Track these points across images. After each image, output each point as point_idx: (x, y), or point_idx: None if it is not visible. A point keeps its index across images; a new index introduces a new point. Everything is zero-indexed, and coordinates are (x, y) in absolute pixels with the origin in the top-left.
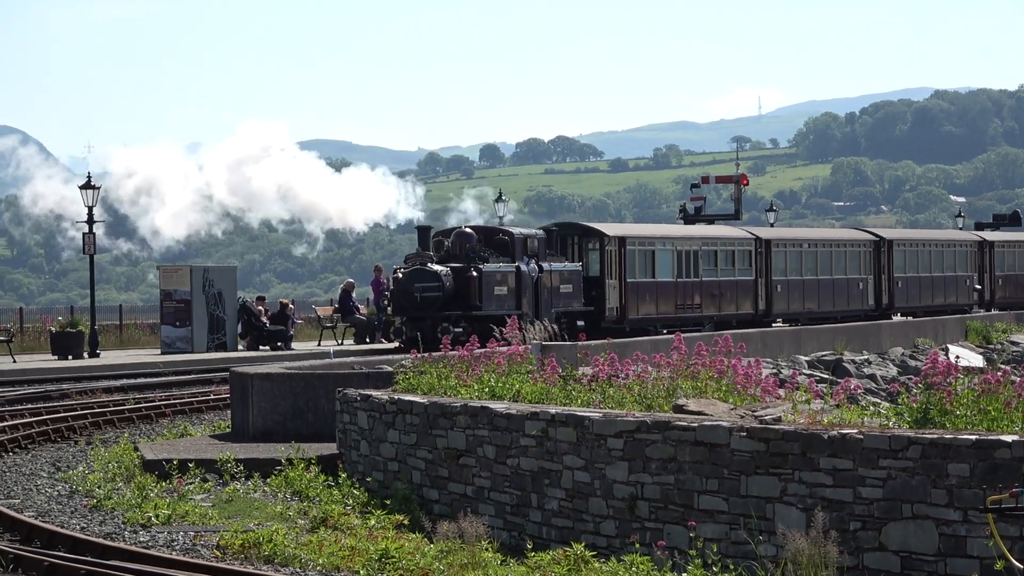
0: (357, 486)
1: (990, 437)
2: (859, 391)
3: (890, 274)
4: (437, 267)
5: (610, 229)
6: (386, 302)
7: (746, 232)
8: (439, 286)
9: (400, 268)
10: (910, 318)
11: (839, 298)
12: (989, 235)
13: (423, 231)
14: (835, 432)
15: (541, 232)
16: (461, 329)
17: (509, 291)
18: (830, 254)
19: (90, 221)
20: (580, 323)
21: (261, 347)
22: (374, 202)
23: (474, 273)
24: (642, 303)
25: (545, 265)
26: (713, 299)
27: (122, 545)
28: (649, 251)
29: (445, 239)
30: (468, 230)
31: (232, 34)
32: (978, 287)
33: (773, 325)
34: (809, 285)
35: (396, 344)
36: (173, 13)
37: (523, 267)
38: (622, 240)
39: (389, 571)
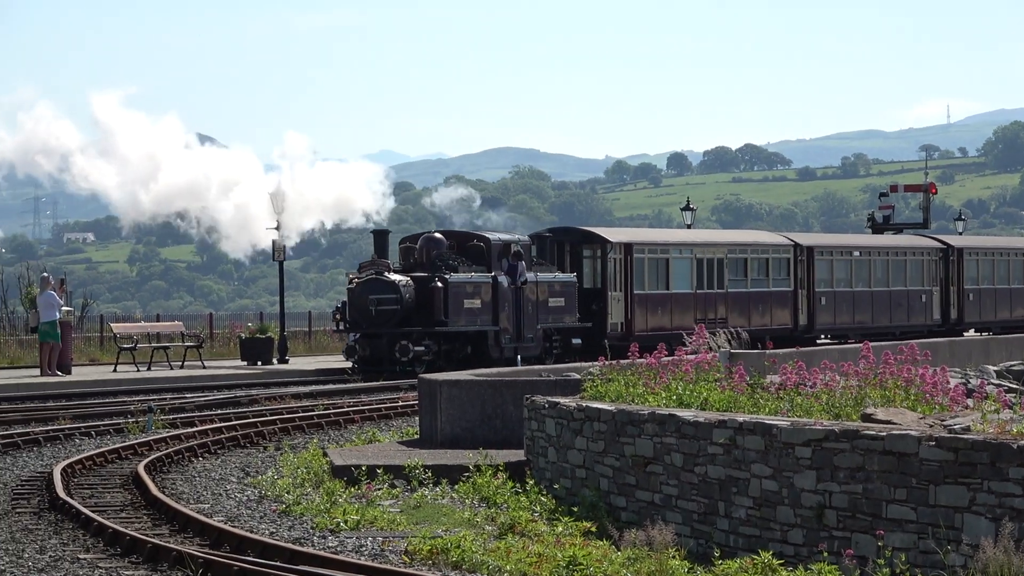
0: (544, 493)
1: None
2: None
3: (960, 286)
4: (395, 276)
5: (613, 235)
6: (338, 315)
7: (783, 238)
8: (397, 298)
9: (355, 277)
10: (988, 334)
11: (897, 311)
12: None
13: (380, 236)
14: None
15: (525, 238)
16: (424, 348)
17: (483, 304)
18: (887, 263)
19: (279, 227)
20: (576, 341)
21: None
22: None
23: (439, 283)
24: (652, 317)
25: (530, 275)
26: (742, 312)
27: (311, 550)
28: (662, 259)
29: (413, 245)
30: (437, 235)
31: (422, 43)
32: None
33: (817, 341)
34: (860, 297)
35: (350, 364)
36: (374, 23)
37: (501, 277)
38: (628, 247)
39: None
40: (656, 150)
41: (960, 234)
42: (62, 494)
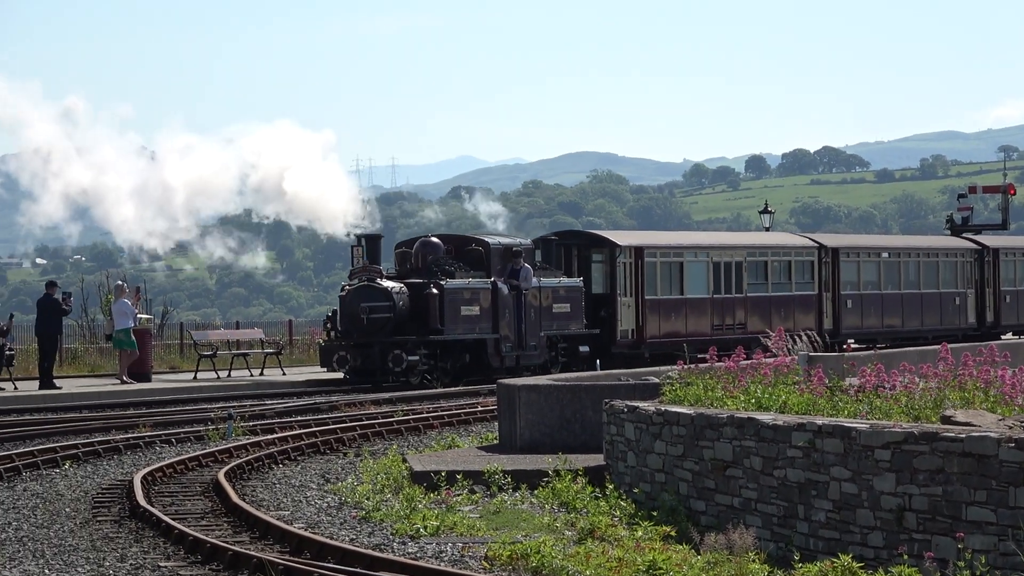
0: (624, 497)
1: None
2: None
3: (996, 287)
4: (388, 283)
5: (623, 238)
6: (328, 324)
7: (807, 239)
8: (390, 306)
9: (346, 284)
10: None
11: (929, 314)
12: None
13: (371, 240)
14: None
15: (527, 241)
16: (418, 357)
17: (482, 311)
18: (918, 265)
19: (358, 235)
20: (583, 348)
21: None
22: None
23: (434, 290)
24: (665, 323)
25: (533, 280)
26: (763, 317)
27: (391, 556)
28: (676, 263)
29: (408, 250)
30: (434, 239)
31: (500, 48)
32: None
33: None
34: (890, 300)
35: (342, 375)
36: (450, 28)
37: (500, 283)
38: (639, 251)
39: None
40: (734, 153)
41: None
42: (143, 502)
